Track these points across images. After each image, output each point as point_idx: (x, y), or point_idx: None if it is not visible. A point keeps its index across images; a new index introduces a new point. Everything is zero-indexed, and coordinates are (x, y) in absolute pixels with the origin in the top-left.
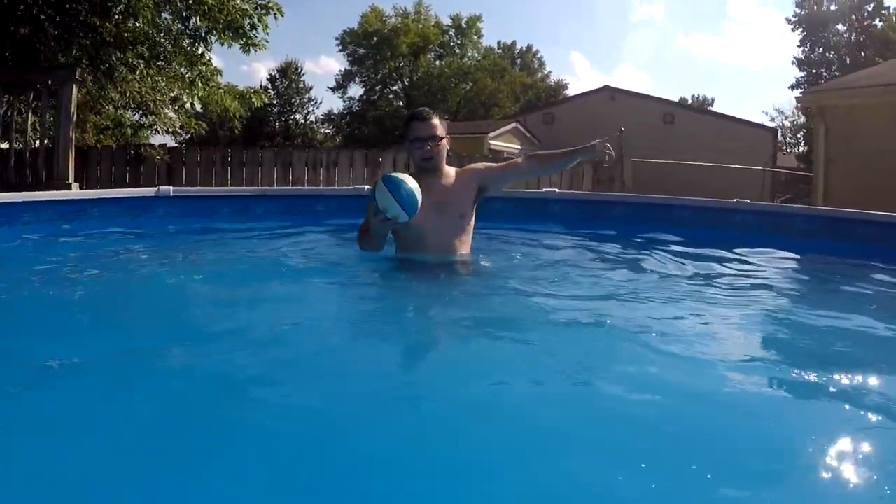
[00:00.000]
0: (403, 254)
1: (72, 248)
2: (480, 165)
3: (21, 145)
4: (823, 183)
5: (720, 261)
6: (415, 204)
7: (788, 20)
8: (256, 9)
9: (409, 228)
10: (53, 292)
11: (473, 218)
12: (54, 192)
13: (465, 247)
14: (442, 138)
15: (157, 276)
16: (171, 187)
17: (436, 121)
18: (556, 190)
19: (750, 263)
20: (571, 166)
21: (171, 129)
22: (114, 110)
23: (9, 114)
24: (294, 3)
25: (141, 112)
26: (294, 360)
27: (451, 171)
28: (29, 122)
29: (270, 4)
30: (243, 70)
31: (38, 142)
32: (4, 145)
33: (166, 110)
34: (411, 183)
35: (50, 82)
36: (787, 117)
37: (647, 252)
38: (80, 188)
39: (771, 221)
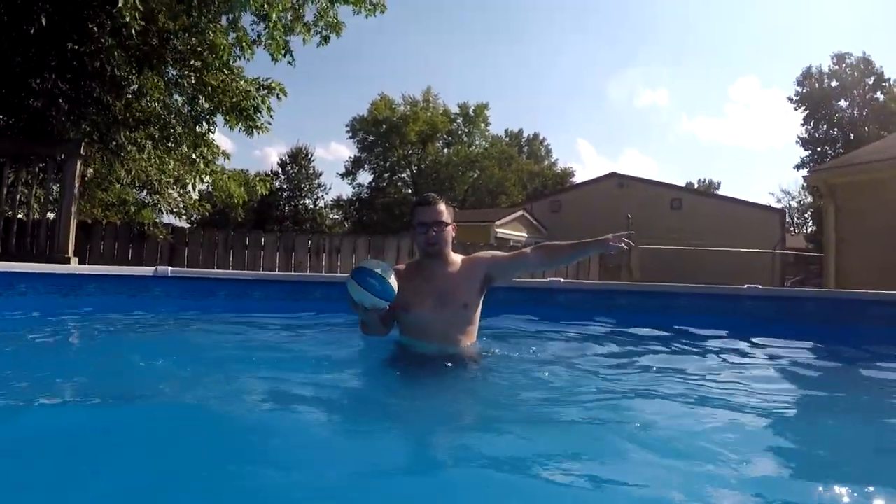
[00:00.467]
0: (407, 338)
1: (64, 322)
2: (487, 255)
3: (24, 216)
4: (835, 263)
5: (733, 351)
6: (388, 289)
7: (791, 99)
8: (259, 90)
9: (411, 315)
10: (34, 360)
11: (479, 308)
12: (52, 265)
13: (468, 338)
14: (447, 224)
15: (144, 356)
16: (170, 267)
17: (441, 206)
18: (561, 280)
19: (762, 350)
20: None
21: (175, 210)
22: (119, 187)
23: (15, 184)
24: (304, 89)
25: (146, 191)
26: (279, 452)
27: (456, 259)
28: (33, 194)
29: (273, 85)
30: (255, 155)
31: (41, 214)
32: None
33: (171, 191)
34: (380, 269)
35: (57, 156)
36: (793, 198)
37: (658, 344)
38: (81, 263)
39: (784, 307)
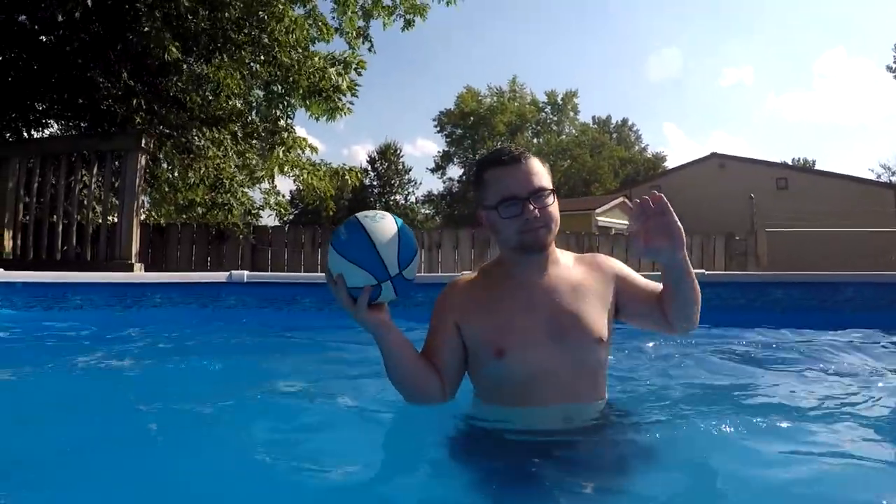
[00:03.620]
0: (493, 408)
1: (123, 338)
2: (613, 262)
3: (83, 219)
4: None
5: None
6: (360, 240)
7: (890, 68)
8: (335, 65)
9: (507, 362)
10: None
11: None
12: (111, 273)
13: (600, 390)
14: (551, 192)
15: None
16: (245, 272)
17: (535, 164)
18: (705, 272)
19: None
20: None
21: (251, 211)
22: (193, 188)
23: (72, 185)
24: (390, 87)
25: (216, 191)
26: None
27: (568, 258)
28: (93, 194)
29: (349, 59)
30: (344, 154)
31: (103, 217)
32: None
33: (245, 189)
34: (363, 215)
35: (117, 151)
36: (894, 173)
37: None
38: (154, 269)
39: None
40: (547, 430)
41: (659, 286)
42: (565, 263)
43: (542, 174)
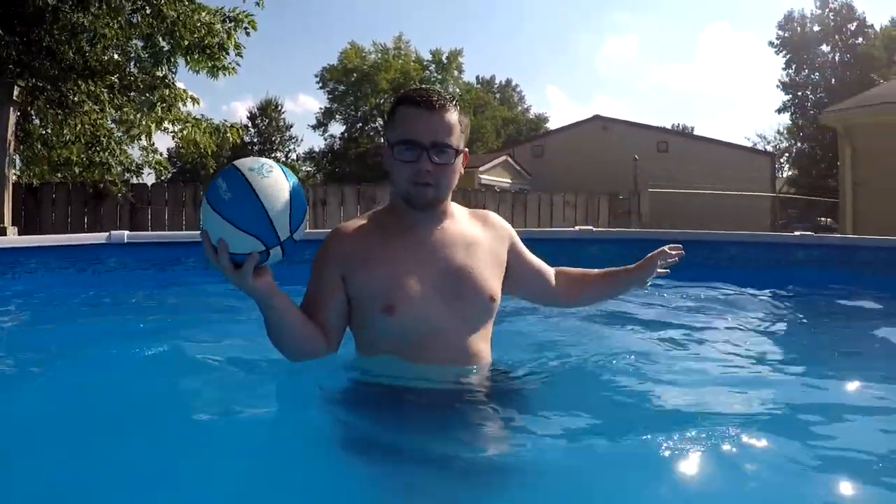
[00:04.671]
0: (376, 363)
1: None
2: (507, 225)
3: None
4: (852, 208)
5: None
6: (281, 212)
7: (772, 43)
8: (224, 22)
9: (398, 319)
10: None
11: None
12: None
13: (486, 350)
14: (458, 152)
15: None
16: (126, 232)
17: (450, 117)
18: (592, 228)
19: None
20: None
21: (130, 169)
22: (69, 145)
23: None
24: (270, 40)
25: (94, 149)
26: None
27: (460, 213)
28: None
29: (240, 17)
30: (223, 110)
31: None
32: None
33: (124, 147)
34: (249, 164)
35: None
36: (768, 142)
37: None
38: (28, 233)
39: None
40: (434, 390)
41: (541, 263)
42: (460, 218)
43: (453, 129)
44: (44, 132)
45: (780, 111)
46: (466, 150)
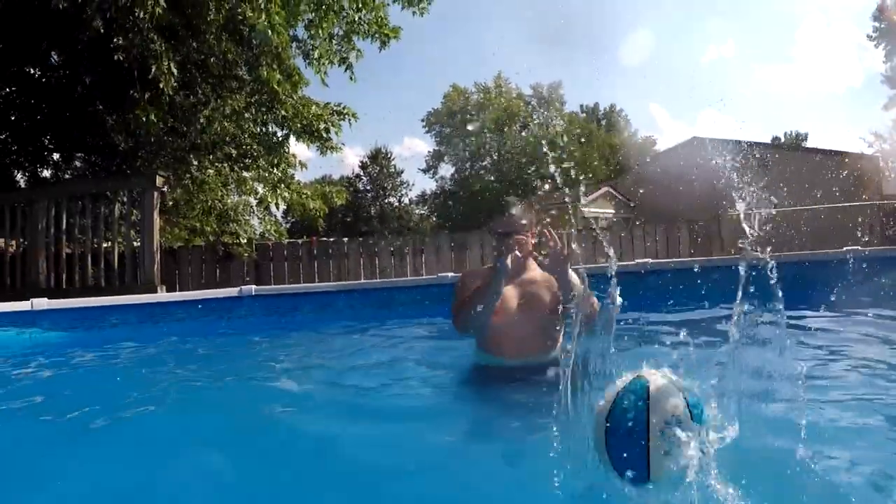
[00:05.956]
0: (483, 354)
1: (153, 350)
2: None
3: (111, 251)
4: None
5: None
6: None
7: (869, 37)
8: (332, 115)
9: (491, 326)
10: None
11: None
12: (140, 295)
13: (551, 349)
14: (526, 233)
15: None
16: (253, 286)
17: (517, 214)
18: (650, 261)
19: None
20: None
21: (253, 238)
22: (199, 216)
23: (98, 221)
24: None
25: (222, 220)
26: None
27: (536, 268)
28: (115, 228)
29: (345, 111)
30: (333, 156)
31: (127, 247)
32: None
33: (247, 217)
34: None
35: (134, 190)
36: (885, 140)
37: None
38: (171, 288)
39: None
40: (511, 366)
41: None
42: (534, 269)
43: (519, 222)
44: (177, 203)
45: (886, 107)
46: (533, 230)
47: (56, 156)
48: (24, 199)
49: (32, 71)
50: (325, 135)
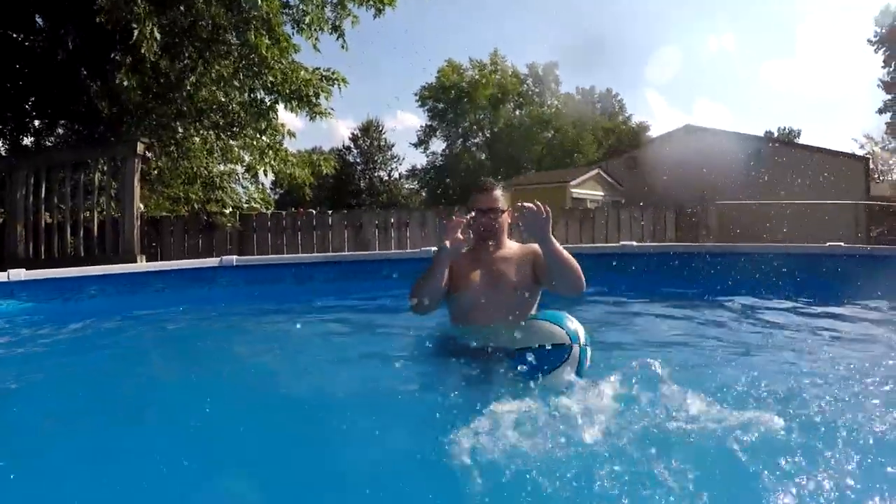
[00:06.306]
0: (456, 325)
1: (132, 319)
2: (535, 248)
3: (90, 221)
4: None
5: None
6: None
7: (870, 41)
8: (321, 80)
9: (460, 296)
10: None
11: (535, 298)
12: (118, 265)
13: (521, 319)
14: (502, 211)
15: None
16: (235, 257)
17: (497, 193)
18: (634, 244)
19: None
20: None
21: (237, 206)
22: (183, 185)
23: (77, 190)
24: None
25: (207, 188)
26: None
27: (512, 245)
28: (96, 197)
29: (335, 76)
30: (323, 128)
31: (107, 216)
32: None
33: (233, 185)
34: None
35: (116, 158)
36: (877, 143)
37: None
38: (153, 258)
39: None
40: (480, 343)
41: None
42: (508, 247)
43: (499, 199)
44: (160, 171)
45: (881, 111)
46: (509, 208)
47: (38, 122)
48: (3, 168)
49: (15, 35)
50: (314, 100)
